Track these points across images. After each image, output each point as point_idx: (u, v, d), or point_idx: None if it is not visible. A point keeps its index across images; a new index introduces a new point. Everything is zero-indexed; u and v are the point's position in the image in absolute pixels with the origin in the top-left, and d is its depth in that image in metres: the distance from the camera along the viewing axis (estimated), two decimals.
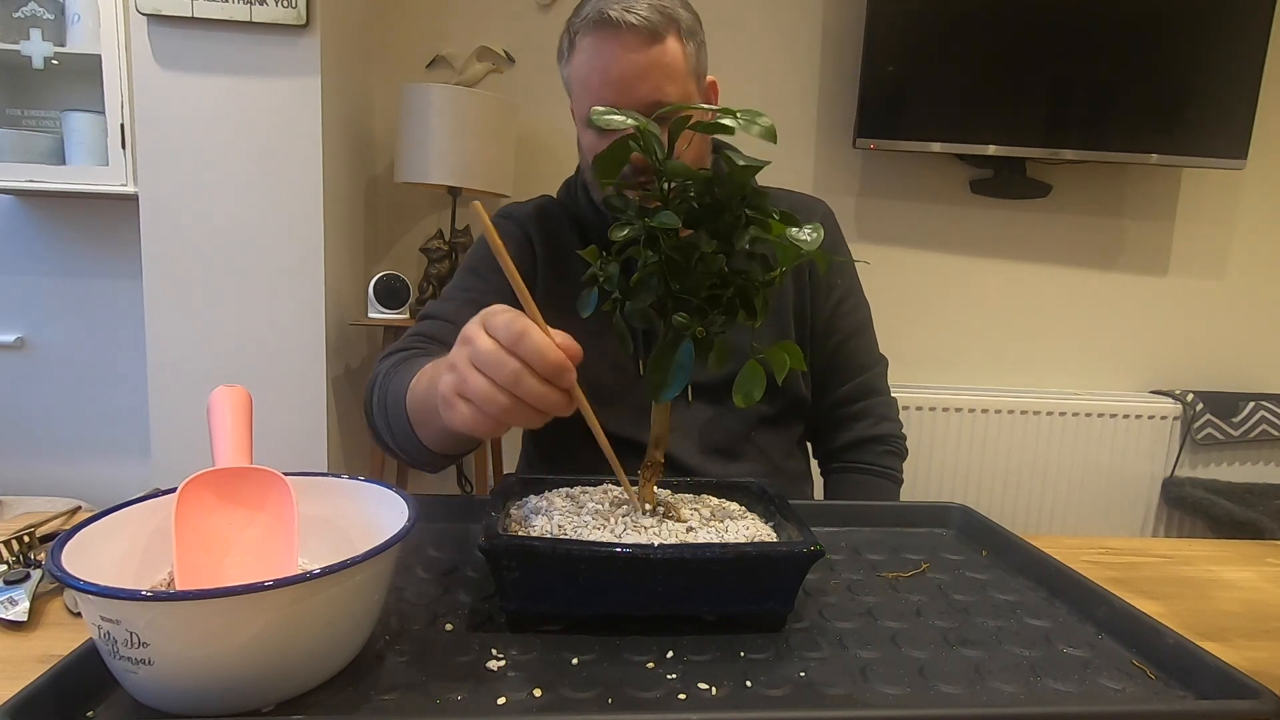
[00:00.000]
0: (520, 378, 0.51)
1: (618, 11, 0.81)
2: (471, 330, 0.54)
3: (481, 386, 0.52)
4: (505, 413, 0.52)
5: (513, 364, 0.51)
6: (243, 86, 1.64)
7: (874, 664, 0.51)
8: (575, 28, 0.86)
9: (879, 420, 1.02)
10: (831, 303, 1.00)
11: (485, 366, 0.52)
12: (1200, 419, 2.12)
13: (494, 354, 0.51)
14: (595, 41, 0.83)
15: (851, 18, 2.06)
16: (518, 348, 0.51)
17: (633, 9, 0.81)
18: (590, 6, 0.85)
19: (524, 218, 0.98)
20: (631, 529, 0.57)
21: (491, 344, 0.52)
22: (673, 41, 0.84)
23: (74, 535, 0.45)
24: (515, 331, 0.51)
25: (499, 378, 0.51)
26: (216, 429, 0.54)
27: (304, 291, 1.72)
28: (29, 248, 1.99)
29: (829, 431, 1.04)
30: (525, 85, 2.06)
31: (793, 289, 0.98)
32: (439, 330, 0.89)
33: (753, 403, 0.55)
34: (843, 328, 1.01)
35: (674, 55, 0.84)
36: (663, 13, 0.83)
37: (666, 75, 0.84)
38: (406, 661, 0.49)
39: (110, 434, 2.08)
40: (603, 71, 0.83)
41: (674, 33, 0.84)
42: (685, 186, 0.55)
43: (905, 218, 2.17)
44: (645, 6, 0.82)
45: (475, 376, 0.52)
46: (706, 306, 0.56)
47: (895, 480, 1.01)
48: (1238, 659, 0.50)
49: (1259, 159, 2.14)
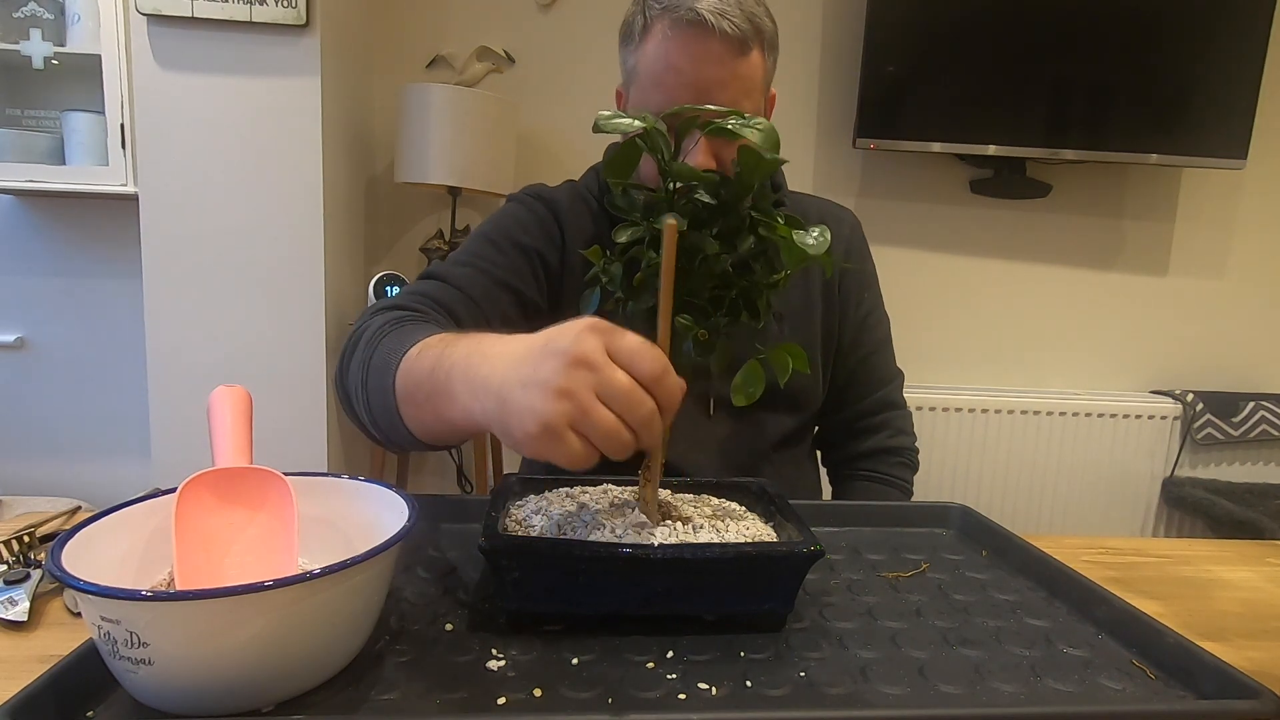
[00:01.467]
0: (654, 420, 0.46)
1: (713, 15, 0.76)
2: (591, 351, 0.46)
3: (609, 423, 0.45)
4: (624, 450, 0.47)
5: (650, 405, 0.46)
6: (243, 86, 1.64)
7: (874, 664, 0.51)
8: (655, 11, 0.79)
9: (896, 433, 1.01)
10: (859, 316, 0.99)
11: (617, 403, 0.45)
12: (1200, 419, 2.12)
13: (632, 392, 0.46)
14: (680, 38, 0.77)
15: (851, 18, 2.06)
16: (657, 388, 0.46)
17: (727, 14, 0.77)
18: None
19: (555, 201, 0.93)
20: (631, 529, 0.57)
21: (628, 380, 0.46)
22: (757, 54, 0.80)
23: (74, 535, 0.45)
24: (657, 370, 0.46)
25: (633, 418, 0.46)
26: (216, 429, 0.54)
27: (304, 291, 1.72)
28: (29, 248, 1.99)
29: (845, 441, 1.03)
30: (525, 85, 2.06)
31: (821, 302, 0.96)
32: (445, 296, 0.82)
33: (752, 401, 0.55)
34: (868, 342, 1.00)
35: (755, 68, 0.81)
36: (753, 22, 0.79)
37: (745, 89, 0.80)
38: (406, 661, 0.49)
39: (110, 434, 2.08)
40: (681, 72, 0.78)
41: (759, 45, 0.80)
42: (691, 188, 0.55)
43: (905, 218, 2.17)
44: (739, 13, 0.77)
45: (602, 412, 0.45)
46: (709, 308, 0.56)
47: (905, 491, 1.00)
48: (1238, 659, 0.50)
49: (1259, 159, 2.14)
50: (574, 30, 2.05)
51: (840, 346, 0.98)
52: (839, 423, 1.02)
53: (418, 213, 2.12)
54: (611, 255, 0.58)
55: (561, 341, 0.46)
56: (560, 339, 0.47)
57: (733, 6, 0.77)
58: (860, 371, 1.00)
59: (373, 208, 2.08)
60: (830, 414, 1.01)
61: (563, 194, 0.94)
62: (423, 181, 1.81)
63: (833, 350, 0.97)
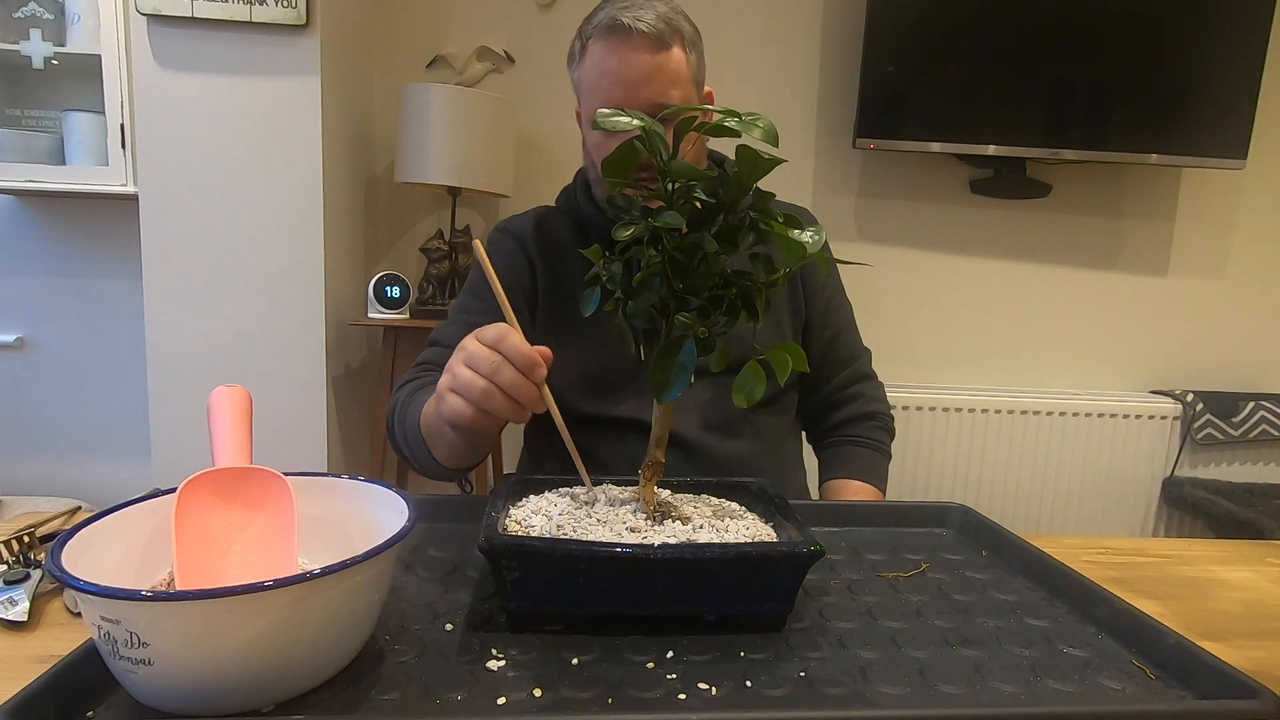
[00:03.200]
0: (499, 368, 0.63)
1: (629, 19, 0.88)
2: (464, 340, 0.67)
3: (466, 376, 0.64)
4: (486, 397, 0.63)
5: (494, 356, 0.63)
6: (243, 86, 1.64)
7: (874, 664, 0.51)
8: (587, 33, 0.93)
9: (870, 400, 1.10)
10: (823, 300, 1.07)
11: (471, 361, 0.64)
12: (1200, 419, 2.12)
13: (478, 350, 0.64)
14: (606, 45, 0.90)
15: (851, 18, 2.06)
16: (499, 346, 0.64)
17: (642, 18, 0.89)
18: (603, 14, 0.91)
19: (520, 230, 1.05)
20: (631, 529, 0.57)
21: (477, 344, 0.65)
22: (677, 50, 0.91)
23: (74, 535, 0.45)
24: (497, 333, 0.64)
25: (481, 369, 0.63)
26: (216, 429, 0.54)
27: (304, 291, 1.72)
28: (29, 248, 1.99)
29: (824, 414, 1.11)
30: (525, 85, 2.06)
31: (786, 289, 1.05)
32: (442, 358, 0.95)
33: (754, 402, 0.55)
34: (834, 323, 1.09)
35: (678, 62, 0.91)
36: (669, 23, 0.90)
37: (671, 80, 0.91)
38: (406, 661, 0.49)
39: (110, 434, 2.08)
40: (613, 73, 0.90)
41: (678, 42, 0.91)
42: (689, 187, 0.55)
43: (905, 218, 2.17)
44: (653, 16, 0.89)
45: (463, 370, 0.65)
46: (709, 307, 0.56)
47: (884, 453, 1.08)
48: (1238, 659, 0.50)
49: (1259, 159, 2.14)
50: (574, 30, 2.05)
51: (809, 325, 1.07)
52: (816, 400, 1.10)
53: (418, 213, 2.12)
54: (611, 255, 0.58)
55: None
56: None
57: (648, 11, 0.90)
58: (830, 351, 1.08)
59: (373, 208, 2.08)
60: (807, 394, 1.09)
61: (527, 222, 1.07)
62: (423, 181, 1.81)
63: (800, 326, 1.06)
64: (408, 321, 1.82)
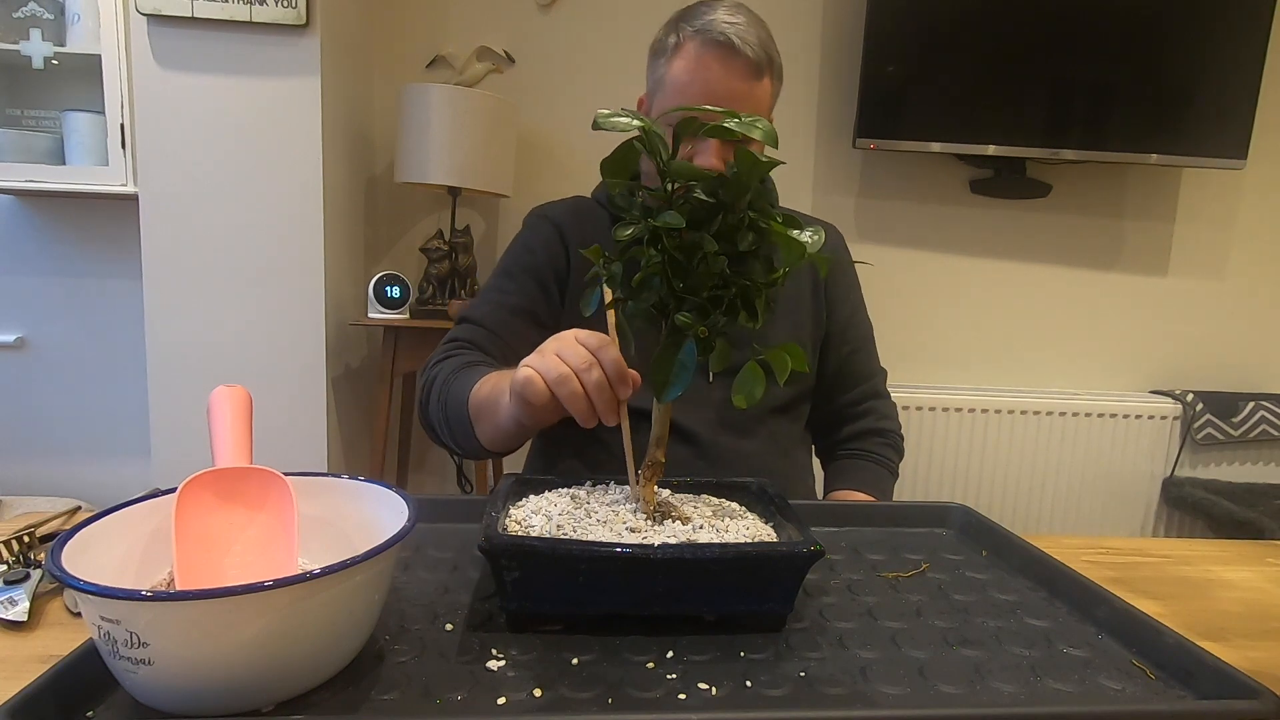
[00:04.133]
0: (591, 367, 0.63)
1: (739, 39, 0.88)
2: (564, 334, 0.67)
3: (553, 361, 0.65)
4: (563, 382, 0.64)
5: (589, 357, 0.64)
6: (243, 86, 1.64)
7: (874, 664, 0.51)
8: (686, 31, 0.90)
9: (881, 418, 1.10)
10: (844, 315, 1.08)
11: (565, 353, 0.65)
12: (1200, 419, 2.12)
13: (576, 347, 0.65)
14: (708, 54, 0.89)
15: (851, 18, 2.06)
16: (598, 352, 0.64)
17: (748, 40, 0.88)
18: (708, 19, 0.89)
19: (558, 217, 1.04)
20: (631, 529, 0.57)
21: (576, 342, 0.65)
22: (768, 81, 0.92)
23: (74, 535, 0.45)
24: (600, 341, 0.64)
25: (573, 361, 0.64)
26: (216, 429, 0.54)
27: (304, 291, 1.72)
28: (29, 248, 1.99)
29: (834, 427, 1.10)
30: (525, 85, 2.06)
31: (810, 298, 1.05)
32: (477, 337, 0.98)
33: (754, 402, 0.55)
34: (853, 339, 1.09)
35: (765, 93, 0.93)
36: (768, 51, 0.91)
37: (756, 109, 0.91)
38: (406, 661, 0.49)
39: (110, 434, 2.08)
40: (706, 84, 0.89)
41: (770, 73, 0.92)
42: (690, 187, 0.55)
43: (905, 218, 2.17)
44: (756, 41, 0.89)
45: (555, 360, 0.65)
46: (709, 306, 0.56)
47: (891, 471, 1.08)
48: (1238, 659, 0.50)
49: (1259, 159, 2.14)
50: (574, 30, 2.05)
51: (828, 337, 1.07)
52: (829, 413, 1.10)
53: (418, 213, 2.12)
54: (611, 255, 0.58)
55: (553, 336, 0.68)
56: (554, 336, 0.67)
57: (753, 36, 0.90)
58: (847, 366, 1.09)
59: (373, 208, 2.08)
60: (820, 406, 1.09)
61: (565, 209, 1.05)
62: (423, 181, 1.81)
63: (820, 337, 1.06)
64: (408, 321, 1.82)
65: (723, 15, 0.89)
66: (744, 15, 0.91)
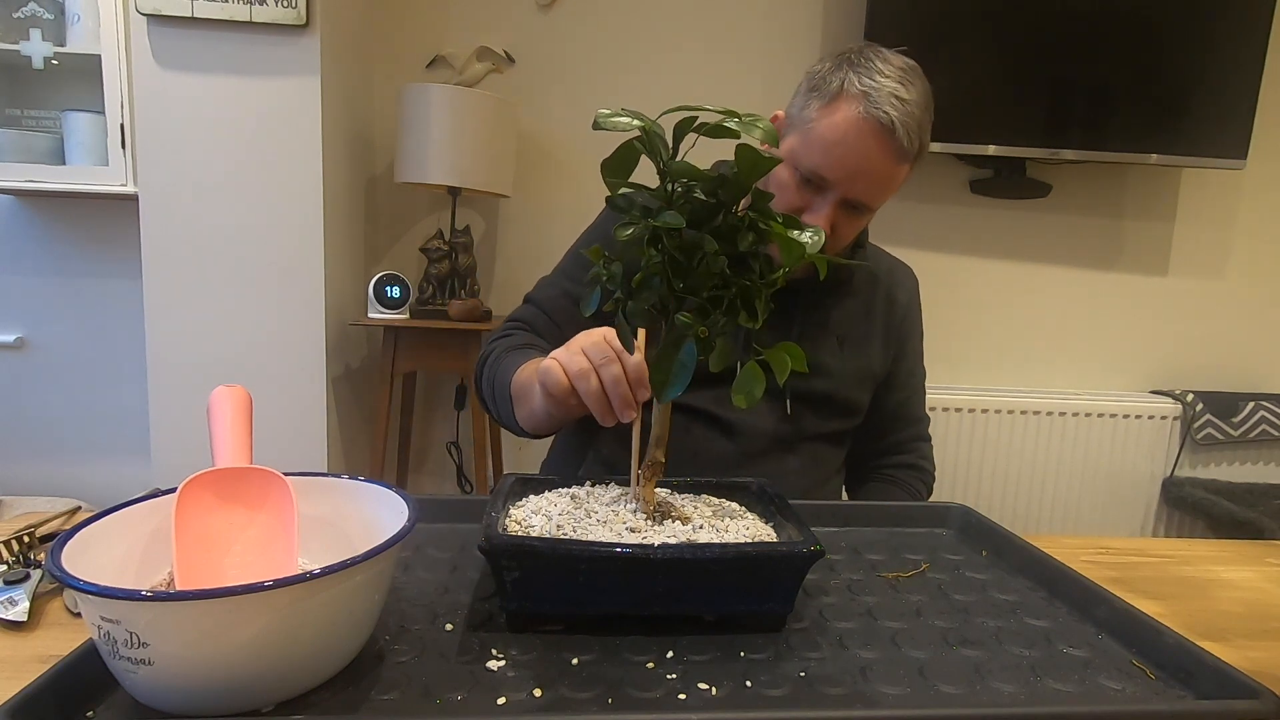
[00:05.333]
0: (610, 363, 0.67)
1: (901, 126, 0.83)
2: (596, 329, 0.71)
3: (579, 360, 0.68)
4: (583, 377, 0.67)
5: (611, 354, 0.67)
6: (243, 86, 1.64)
7: (874, 664, 0.51)
8: (853, 88, 0.85)
9: (920, 457, 1.11)
10: (908, 360, 1.09)
11: (590, 349, 0.68)
12: (1200, 419, 2.12)
13: (602, 344, 0.68)
14: (862, 126, 0.84)
15: (851, 17, 2.05)
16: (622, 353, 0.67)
17: (909, 128, 0.84)
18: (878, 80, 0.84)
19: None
20: (631, 529, 0.57)
21: (601, 337, 0.69)
22: (906, 167, 0.89)
23: (74, 535, 0.45)
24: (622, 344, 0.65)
25: (594, 356, 0.68)
26: (216, 429, 0.54)
27: (304, 291, 1.72)
28: (29, 248, 1.99)
29: (873, 457, 1.11)
30: (525, 85, 2.06)
31: (881, 336, 1.04)
32: (535, 319, 1.01)
33: (754, 402, 0.55)
34: (910, 384, 1.11)
35: (900, 177, 0.90)
36: (920, 141, 0.87)
37: (884, 189, 0.90)
38: (406, 661, 0.49)
39: (110, 434, 2.08)
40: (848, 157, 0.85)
41: (912, 159, 0.88)
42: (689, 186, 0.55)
43: (905, 218, 2.17)
44: (916, 126, 0.85)
45: (579, 355, 0.69)
46: (709, 306, 0.56)
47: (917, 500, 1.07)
48: (1238, 659, 0.50)
49: (1259, 159, 2.14)
50: (574, 30, 2.05)
51: (890, 379, 1.07)
52: (873, 448, 1.10)
53: (418, 213, 2.12)
54: (611, 255, 0.58)
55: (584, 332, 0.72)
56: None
57: (916, 122, 0.85)
58: (900, 409, 1.09)
59: (373, 208, 2.08)
60: (866, 441, 1.09)
61: None
62: (423, 181, 1.81)
63: (881, 378, 1.06)
64: (408, 321, 1.82)
65: (893, 83, 0.84)
66: (915, 89, 0.86)
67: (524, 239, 2.13)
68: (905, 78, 0.86)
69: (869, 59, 0.87)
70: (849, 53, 0.89)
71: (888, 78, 0.85)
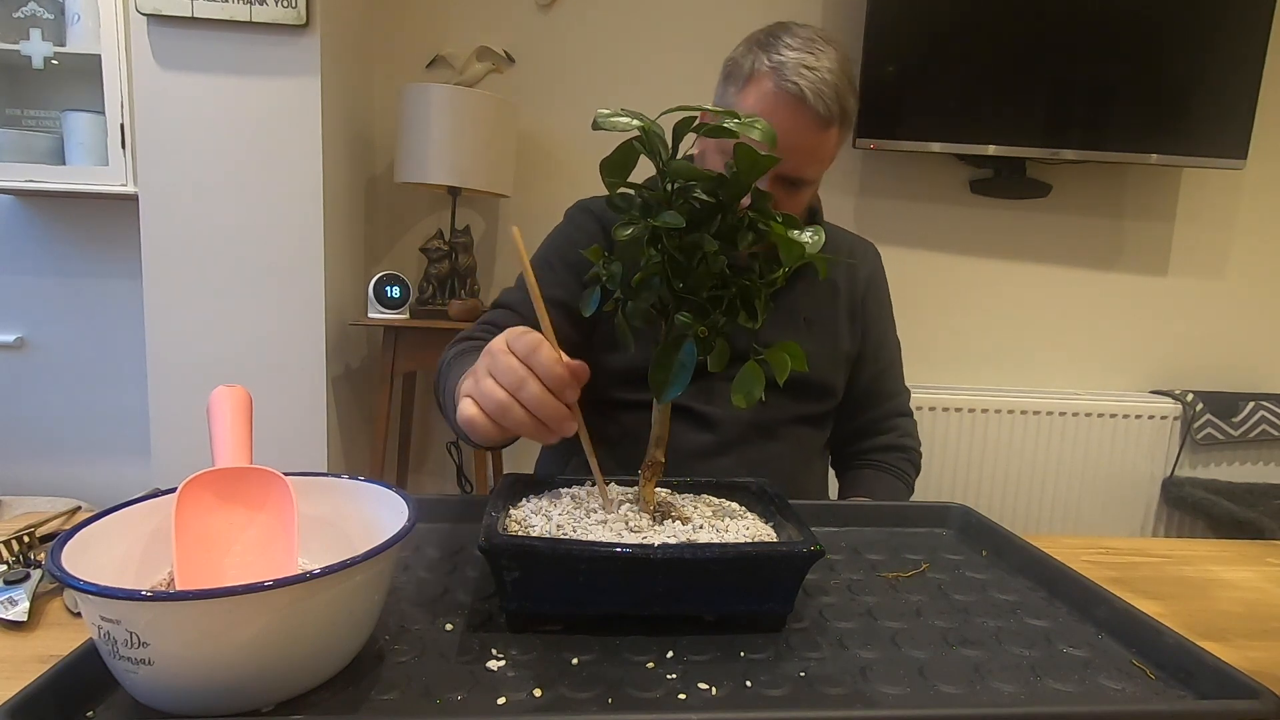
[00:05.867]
0: (525, 383, 0.56)
1: (812, 93, 0.85)
2: (494, 343, 0.59)
3: (487, 385, 0.58)
4: (504, 411, 0.57)
5: (521, 370, 0.57)
6: (243, 86, 1.64)
7: (874, 664, 0.51)
8: (763, 66, 0.87)
9: (903, 435, 1.11)
10: (877, 335, 1.09)
11: (497, 372, 0.58)
12: (1200, 419, 2.12)
13: (506, 360, 0.57)
14: (777, 101, 0.86)
15: (851, 18, 2.06)
16: (529, 359, 0.57)
17: (822, 93, 0.85)
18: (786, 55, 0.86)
19: (603, 212, 1.01)
20: (631, 529, 0.57)
21: (506, 353, 0.58)
22: (835, 131, 0.90)
23: (74, 535, 0.45)
24: (529, 345, 0.57)
25: (506, 381, 0.57)
26: (216, 429, 0.54)
27: (304, 291, 1.72)
28: (29, 248, 1.99)
29: (855, 439, 1.11)
30: (525, 85, 2.06)
31: (846, 316, 1.05)
32: (505, 320, 0.96)
33: (754, 402, 0.55)
34: (883, 359, 1.10)
35: (830, 143, 0.90)
36: (840, 100, 0.87)
37: (817, 159, 0.90)
38: (406, 661, 0.49)
39: (110, 434, 2.08)
40: None
41: (839, 122, 0.89)
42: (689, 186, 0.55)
43: (905, 218, 2.17)
44: (831, 91, 0.86)
45: (487, 380, 0.58)
46: (709, 306, 0.56)
47: (907, 485, 1.08)
48: (1238, 659, 0.50)
49: (1259, 159, 2.14)
50: (574, 30, 2.05)
51: (860, 356, 1.07)
52: (852, 428, 1.11)
53: (418, 213, 2.12)
54: (611, 255, 0.58)
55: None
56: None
57: (830, 87, 0.86)
58: (875, 384, 1.10)
59: (373, 208, 2.08)
60: (845, 421, 1.10)
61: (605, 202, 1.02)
62: (423, 181, 1.81)
63: (853, 356, 1.07)
64: (408, 321, 1.82)
65: (802, 54, 0.86)
66: (825, 55, 0.87)
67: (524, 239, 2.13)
68: (812, 46, 0.87)
69: (777, 36, 0.89)
70: (758, 34, 0.91)
71: (795, 50, 0.86)
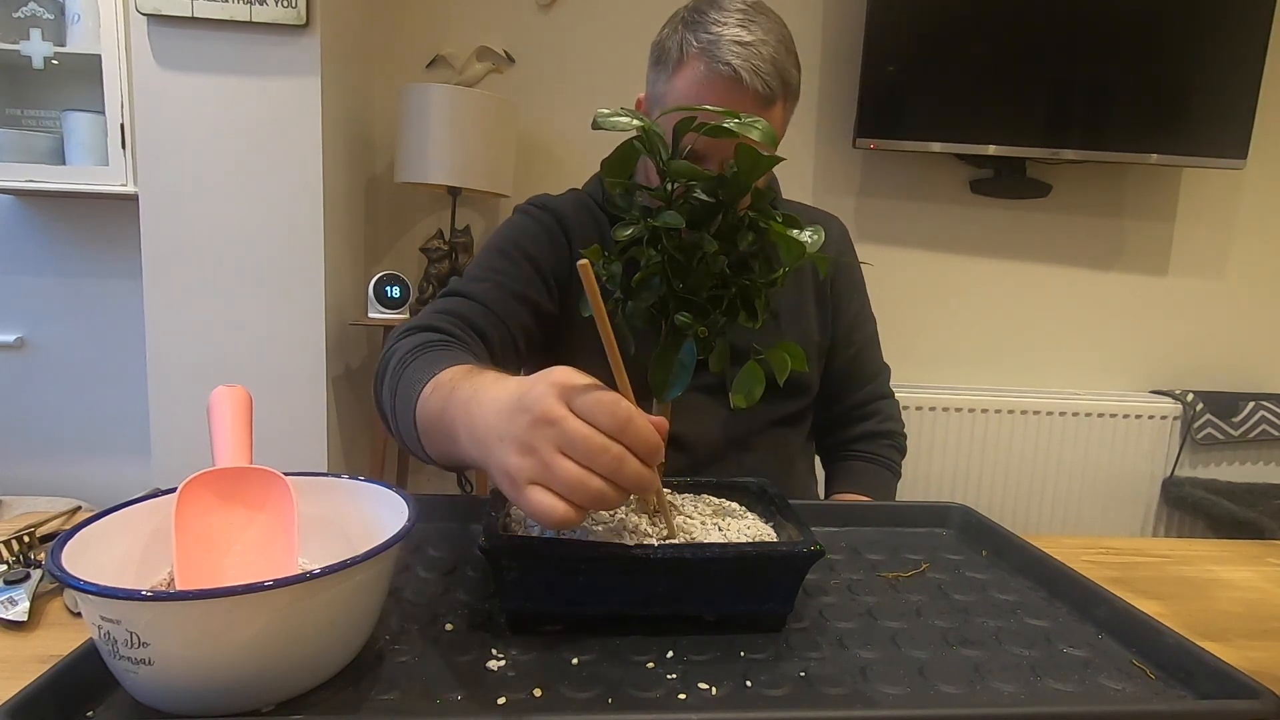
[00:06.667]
0: (624, 464, 0.46)
1: (747, 73, 0.79)
2: (550, 408, 0.46)
3: (573, 474, 0.45)
4: (599, 500, 0.46)
5: (615, 449, 0.45)
6: (243, 86, 1.64)
7: (874, 664, 0.51)
8: (691, 48, 0.81)
9: (885, 419, 1.08)
10: (850, 315, 1.05)
11: (580, 454, 0.45)
12: (1200, 419, 2.12)
13: (593, 440, 0.45)
14: (711, 87, 0.80)
15: (851, 18, 2.06)
16: (624, 435, 0.46)
17: (760, 71, 0.79)
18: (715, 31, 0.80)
19: (560, 210, 0.96)
20: (632, 529, 0.57)
21: (588, 429, 0.45)
22: (779, 107, 0.83)
23: (74, 535, 0.45)
24: (620, 418, 0.46)
25: (599, 465, 0.45)
26: (216, 429, 0.54)
27: (304, 291, 1.72)
28: (29, 248, 1.99)
29: (839, 428, 1.09)
30: (525, 85, 2.06)
31: (814, 301, 1.02)
32: (469, 311, 0.86)
33: (754, 402, 0.55)
34: (858, 339, 1.07)
35: (775, 119, 0.84)
36: (782, 77, 0.81)
37: None
38: (406, 661, 0.49)
39: (110, 434, 2.08)
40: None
41: (782, 97, 0.83)
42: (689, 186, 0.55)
43: (905, 218, 2.17)
44: (769, 66, 0.80)
45: (565, 464, 0.45)
46: (708, 306, 0.56)
47: (894, 472, 1.07)
48: (1238, 659, 0.50)
49: (1259, 159, 2.14)
50: (574, 30, 2.05)
51: (834, 341, 1.04)
52: (834, 415, 1.08)
53: (418, 213, 2.12)
54: (610, 255, 0.58)
55: (529, 398, 0.47)
56: (529, 394, 0.48)
57: (766, 61, 0.79)
58: (852, 367, 1.06)
59: (373, 208, 2.08)
60: (825, 407, 1.07)
61: (567, 202, 0.98)
62: (423, 181, 1.81)
63: (826, 344, 1.04)
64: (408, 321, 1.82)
65: (733, 28, 0.79)
66: (758, 27, 0.81)
67: None
68: (745, 19, 0.80)
69: (703, 12, 0.82)
70: (682, 11, 0.84)
71: (725, 25, 0.80)
